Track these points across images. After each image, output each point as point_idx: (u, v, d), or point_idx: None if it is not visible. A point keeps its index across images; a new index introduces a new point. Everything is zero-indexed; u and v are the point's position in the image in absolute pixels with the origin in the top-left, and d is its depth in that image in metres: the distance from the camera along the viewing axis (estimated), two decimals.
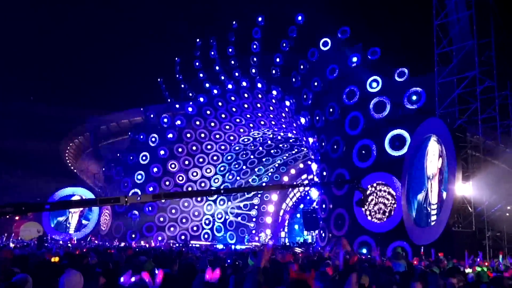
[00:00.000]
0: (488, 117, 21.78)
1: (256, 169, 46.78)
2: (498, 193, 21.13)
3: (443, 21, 23.11)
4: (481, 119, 21.27)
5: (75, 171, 53.54)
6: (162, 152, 41.69)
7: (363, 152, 26.14)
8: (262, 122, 40.68)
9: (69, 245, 26.90)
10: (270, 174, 47.54)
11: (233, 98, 39.65)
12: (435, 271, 8.86)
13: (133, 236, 39.85)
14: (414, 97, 24.47)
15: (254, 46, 35.51)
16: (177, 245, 34.95)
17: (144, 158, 41.73)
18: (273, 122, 39.89)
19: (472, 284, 8.00)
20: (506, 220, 21.55)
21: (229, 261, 11.56)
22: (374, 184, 25.36)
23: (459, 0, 22.08)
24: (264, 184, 47.37)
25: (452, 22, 22.82)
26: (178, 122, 41.81)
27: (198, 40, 40.70)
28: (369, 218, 25.15)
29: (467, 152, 20.96)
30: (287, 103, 33.44)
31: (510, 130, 22.41)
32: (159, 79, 44.27)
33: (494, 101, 21.56)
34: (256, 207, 47.76)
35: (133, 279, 5.08)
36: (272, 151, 45.97)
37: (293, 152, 46.18)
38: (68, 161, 51.54)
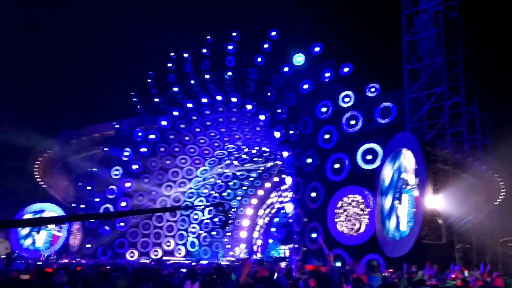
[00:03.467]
0: (456, 131, 22.43)
1: (230, 183, 46.66)
2: (467, 206, 21.69)
3: (412, 38, 23.82)
4: (449, 134, 21.88)
5: (44, 186, 52.10)
6: (135, 166, 41.07)
7: (337, 165, 26.46)
8: (237, 136, 40.72)
9: (39, 262, 26.06)
10: (245, 188, 47.47)
11: (207, 112, 39.60)
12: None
13: (104, 252, 38.96)
14: (385, 112, 25.02)
15: (229, 61, 35.68)
16: (149, 261, 34.30)
17: (116, 172, 41.04)
18: (247, 136, 39.98)
19: None
20: (475, 232, 22.10)
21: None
22: (347, 198, 25.65)
23: (428, 18, 22.84)
24: (240, 197, 47.34)
25: (421, 39, 23.55)
26: (152, 136, 41.38)
27: (172, 54, 40.60)
28: (344, 231, 25.34)
29: (437, 165, 21.48)
30: (262, 117, 33.63)
31: (477, 144, 23.11)
32: (132, 93, 43.84)
33: (462, 116, 22.24)
34: (230, 221, 47.47)
35: None
36: (246, 165, 45.97)
37: (268, 166, 46.30)
38: (37, 176, 50.15)
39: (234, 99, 35.82)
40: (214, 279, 8.86)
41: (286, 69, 31.15)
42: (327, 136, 27.38)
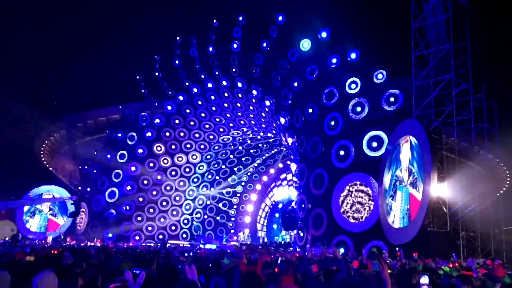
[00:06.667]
0: (463, 119, 22.24)
1: (235, 169, 46.76)
2: (472, 194, 21.63)
3: (421, 24, 23.50)
4: (456, 121, 21.71)
5: (50, 169, 52.47)
6: (140, 150, 41.25)
7: (342, 152, 26.41)
8: (242, 122, 40.65)
9: (45, 245, 26.39)
10: (249, 174, 47.58)
11: (213, 97, 39.51)
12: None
13: (110, 235, 39.34)
14: (392, 99, 24.84)
15: (235, 46, 35.37)
16: (156, 244, 34.61)
17: (122, 156, 41.23)
18: (252, 122, 39.90)
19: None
20: (480, 221, 22.07)
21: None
22: (352, 185, 25.65)
23: (437, 4, 22.48)
24: (243, 183, 47.56)
25: (429, 25, 23.23)
26: (157, 120, 41.43)
27: (178, 38, 40.36)
28: (349, 218, 25.40)
29: (443, 153, 21.38)
30: (267, 102, 33.49)
31: (484, 133, 22.92)
32: (138, 77, 43.77)
33: (469, 103, 22.02)
34: (235, 206, 47.74)
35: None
36: (251, 150, 45.99)
37: (273, 152, 46.29)
38: (43, 159, 50.50)
39: (239, 84, 35.66)
40: (211, 266, 8.89)
41: (292, 54, 30.87)
42: (332, 123, 27.28)
